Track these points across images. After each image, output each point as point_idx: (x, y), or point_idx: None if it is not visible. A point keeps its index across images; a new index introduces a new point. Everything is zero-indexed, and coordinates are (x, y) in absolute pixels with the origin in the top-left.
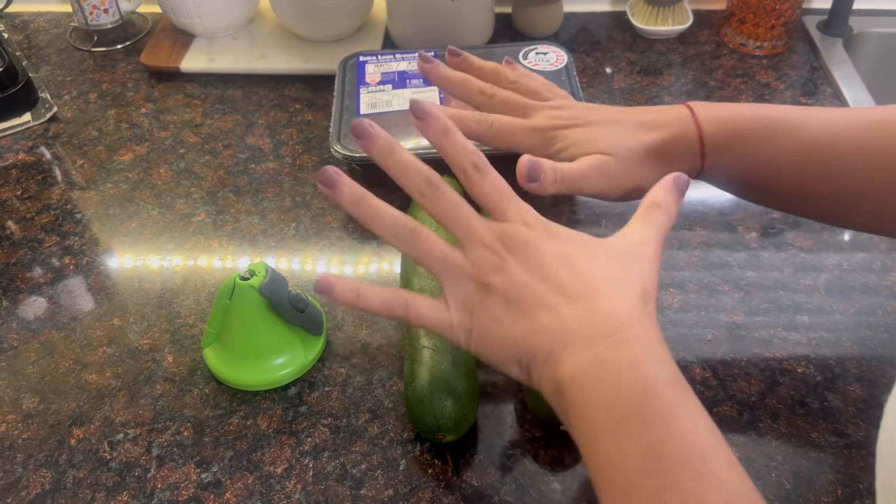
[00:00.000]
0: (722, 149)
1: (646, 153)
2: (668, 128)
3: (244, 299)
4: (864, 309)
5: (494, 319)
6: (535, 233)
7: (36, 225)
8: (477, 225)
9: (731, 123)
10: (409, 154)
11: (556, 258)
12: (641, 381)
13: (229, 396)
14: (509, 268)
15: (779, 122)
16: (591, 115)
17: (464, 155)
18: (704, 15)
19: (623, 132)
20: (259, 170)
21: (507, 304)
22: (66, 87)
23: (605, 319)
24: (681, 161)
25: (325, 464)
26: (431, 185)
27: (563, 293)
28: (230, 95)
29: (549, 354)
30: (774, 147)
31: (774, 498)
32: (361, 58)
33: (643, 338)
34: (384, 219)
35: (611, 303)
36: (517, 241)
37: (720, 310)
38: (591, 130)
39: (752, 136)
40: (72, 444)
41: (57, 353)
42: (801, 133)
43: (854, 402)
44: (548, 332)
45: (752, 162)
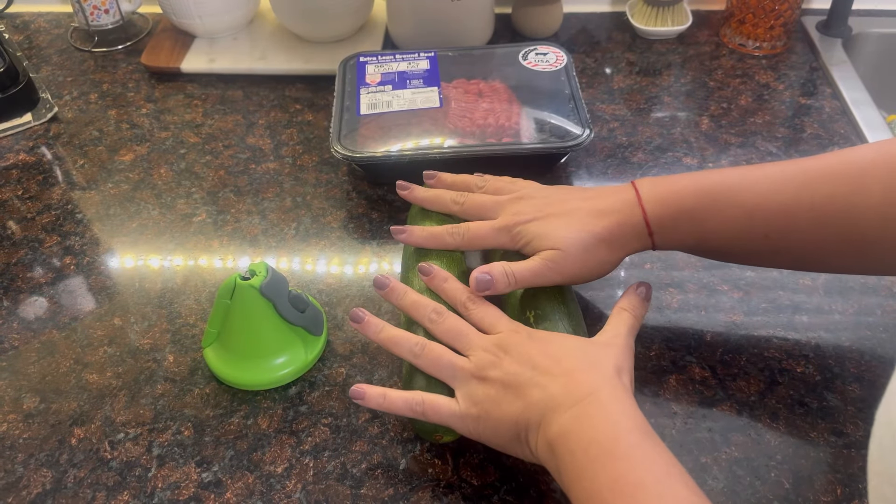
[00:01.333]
0: (668, 227)
1: (596, 241)
2: (616, 214)
3: (245, 299)
4: (863, 309)
5: (495, 403)
6: (522, 337)
7: (37, 225)
8: (476, 337)
9: (674, 202)
10: (418, 294)
11: (541, 352)
12: (612, 426)
13: (230, 396)
14: (504, 363)
15: (720, 191)
16: (548, 208)
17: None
18: (704, 15)
19: (574, 224)
20: (259, 170)
21: (505, 388)
22: (67, 88)
23: (583, 386)
24: (630, 242)
25: (325, 463)
26: (438, 314)
27: (548, 374)
28: (231, 96)
29: (540, 421)
30: (718, 217)
31: (774, 497)
32: (362, 58)
33: (614, 396)
34: (402, 342)
35: (588, 376)
36: (509, 344)
37: (719, 309)
38: (546, 225)
39: (696, 210)
40: (72, 444)
41: (58, 353)
42: (742, 198)
43: (853, 402)
44: (539, 404)
45: (699, 233)
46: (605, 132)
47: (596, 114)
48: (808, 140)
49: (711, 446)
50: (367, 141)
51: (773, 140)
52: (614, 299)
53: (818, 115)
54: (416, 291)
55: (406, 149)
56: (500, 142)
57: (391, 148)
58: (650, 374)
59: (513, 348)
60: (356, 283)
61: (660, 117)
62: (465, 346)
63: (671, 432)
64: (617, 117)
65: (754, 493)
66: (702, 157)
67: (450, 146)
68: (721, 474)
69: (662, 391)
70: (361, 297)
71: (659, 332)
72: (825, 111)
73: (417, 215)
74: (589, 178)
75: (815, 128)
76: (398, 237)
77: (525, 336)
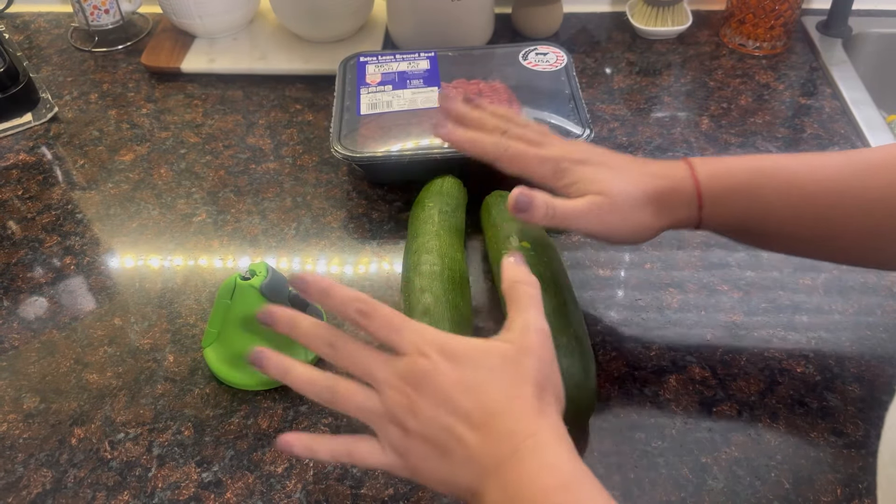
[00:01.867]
0: (719, 201)
1: (646, 199)
2: (669, 179)
3: (245, 299)
4: (863, 309)
5: (422, 460)
6: (431, 362)
7: (37, 225)
8: (379, 370)
9: (727, 178)
10: (312, 321)
11: (455, 387)
12: (541, 495)
13: (230, 396)
14: (419, 408)
15: (775, 171)
16: (602, 157)
17: (348, 305)
18: (704, 15)
19: (628, 177)
20: (259, 170)
21: (426, 443)
22: (67, 88)
23: (505, 442)
24: (678, 210)
25: (325, 463)
26: (333, 347)
27: (468, 422)
28: (231, 96)
29: (470, 488)
30: (771, 196)
31: (774, 497)
32: (362, 58)
33: (537, 448)
34: (309, 388)
35: (508, 422)
36: (419, 375)
37: (719, 310)
38: (599, 170)
39: (749, 187)
40: (72, 444)
41: (58, 353)
42: (798, 180)
43: (853, 402)
44: (464, 466)
45: (749, 211)
46: (605, 132)
47: (596, 114)
48: (808, 140)
49: (711, 446)
50: (367, 141)
51: (773, 140)
52: (615, 300)
53: (818, 115)
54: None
55: (406, 149)
56: None
57: (391, 148)
58: (650, 374)
59: (425, 383)
60: (356, 283)
61: (660, 117)
62: (371, 381)
63: (671, 432)
64: (617, 117)
65: (754, 493)
66: None
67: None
68: (721, 474)
69: (662, 391)
70: None
71: (659, 332)
72: (825, 111)
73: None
74: None
75: (815, 128)
76: (438, 131)
77: (436, 358)
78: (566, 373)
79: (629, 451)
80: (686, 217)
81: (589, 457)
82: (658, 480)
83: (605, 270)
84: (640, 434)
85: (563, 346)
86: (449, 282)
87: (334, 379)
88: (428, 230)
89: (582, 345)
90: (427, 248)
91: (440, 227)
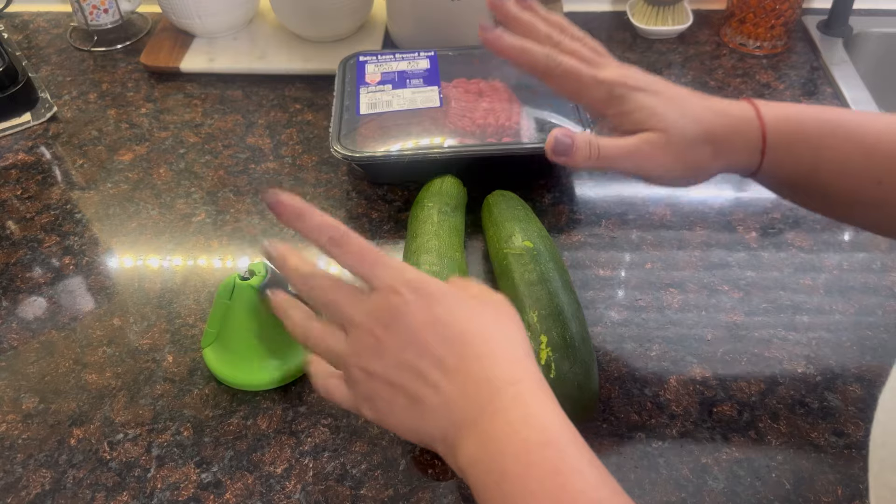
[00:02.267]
0: (783, 146)
1: (705, 137)
2: (732, 117)
3: (244, 299)
4: (864, 309)
5: (388, 406)
6: (404, 299)
7: (36, 225)
8: (348, 307)
9: (793, 122)
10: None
11: (427, 327)
12: (523, 450)
13: (229, 396)
14: (386, 348)
15: (840, 123)
16: (660, 85)
17: (319, 233)
18: (704, 15)
19: (688, 110)
20: (259, 170)
21: (392, 388)
22: (66, 87)
23: (483, 388)
24: (739, 153)
25: (324, 464)
26: (304, 279)
27: (440, 366)
28: (230, 95)
29: (445, 439)
30: (836, 148)
31: (774, 497)
32: (361, 58)
33: (518, 397)
34: (286, 320)
35: (486, 367)
36: (389, 313)
37: (720, 310)
38: (657, 100)
39: (814, 135)
40: (72, 444)
41: (57, 353)
42: (862, 135)
43: (854, 402)
44: (436, 416)
45: (813, 162)
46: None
47: None
48: None
49: (712, 447)
50: (366, 141)
51: None
52: (615, 300)
53: None
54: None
55: (406, 149)
56: (500, 141)
57: (391, 148)
58: (650, 374)
59: (394, 322)
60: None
61: None
62: (340, 320)
63: (671, 432)
64: None
65: (755, 494)
66: None
67: (450, 146)
68: (721, 474)
69: (662, 391)
70: None
71: (659, 332)
72: None
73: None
74: (589, 177)
75: None
76: (484, 35)
77: (410, 295)
78: (568, 373)
79: (629, 452)
80: (746, 161)
81: None
82: (658, 481)
83: (605, 270)
84: (640, 434)
85: (566, 346)
86: None
87: (311, 318)
88: (427, 230)
89: (584, 345)
90: (426, 249)
91: (439, 227)
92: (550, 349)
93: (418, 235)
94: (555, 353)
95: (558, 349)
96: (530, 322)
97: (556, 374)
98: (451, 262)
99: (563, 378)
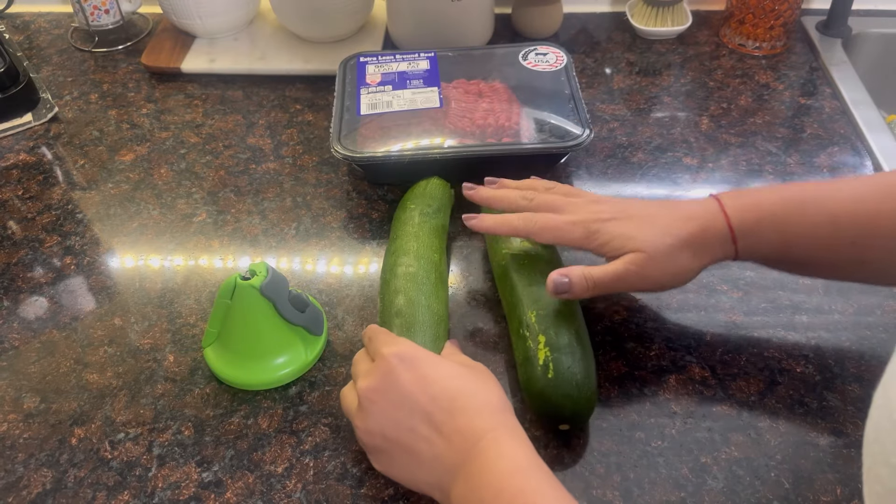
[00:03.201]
0: (752, 232)
1: (681, 245)
2: (699, 219)
3: (245, 299)
4: (863, 309)
5: (389, 459)
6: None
7: (37, 225)
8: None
9: (756, 209)
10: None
11: (416, 386)
12: (496, 480)
13: (230, 396)
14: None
15: (804, 197)
16: (632, 209)
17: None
18: (704, 15)
19: (659, 226)
20: (260, 170)
21: (391, 444)
22: (67, 88)
23: (468, 437)
24: (714, 249)
25: (325, 463)
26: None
27: (430, 422)
28: (231, 96)
29: (441, 486)
30: (803, 224)
31: (774, 497)
32: (362, 58)
33: (496, 440)
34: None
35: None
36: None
37: (719, 309)
38: (630, 225)
39: (780, 215)
40: (73, 444)
41: (58, 353)
42: (827, 204)
43: (853, 402)
44: (431, 465)
45: (784, 240)
46: (604, 132)
47: (596, 114)
48: (808, 140)
49: (711, 446)
50: (367, 141)
51: (772, 140)
52: (615, 300)
53: (818, 116)
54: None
55: (406, 149)
56: (500, 142)
57: (391, 148)
58: (650, 374)
59: (389, 385)
60: (356, 282)
61: (660, 117)
62: (354, 375)
63: (671, 432)
64: (617, 117)
65: (754, 493)
66: (702, 157)
67: (450, 146)
68: (721, 474)
69: (662, 391)
70: (361, 297)
71: (659, 332)
72: (825, 111)
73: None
74: (589, 177)
75: (814, 128)
76: (469, 223)
77: (399, 365)
78: (567, 372)
79: (629, 451)
80: (723, 253)
81: (589, 457)
82: (658, 480)
83: None
84: (639, 434)
85: (565, 346)
86: (424, 283)
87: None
88: (407, 232)
89: (583, 345)
90: (404, 250)
91: (419, 229)
92: (549, 349)
93: (398, 237)
94: (553, 353)
95: (556, 349)
96: (528, 322)
97: (553, 373)
98: (429, 263)
99: (561, 377)
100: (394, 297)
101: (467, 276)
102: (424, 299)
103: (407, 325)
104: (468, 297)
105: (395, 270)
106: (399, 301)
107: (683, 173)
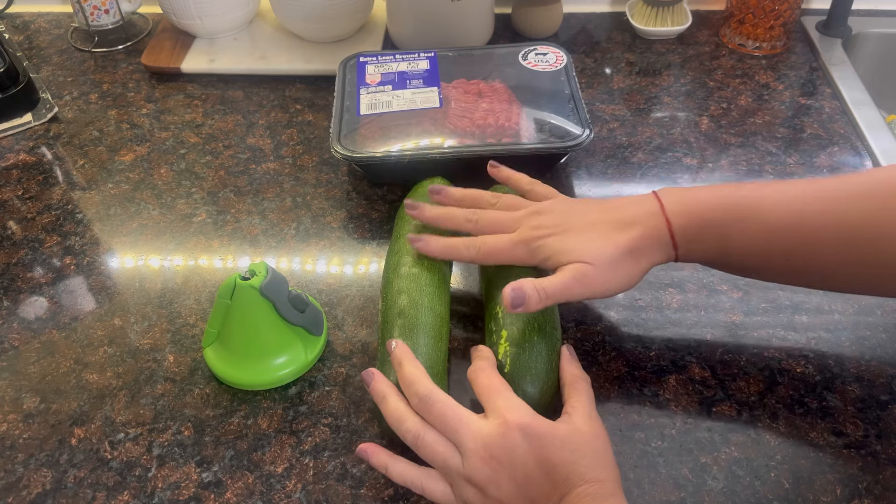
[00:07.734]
0: (692, 239)
1: (621, 254)
2: (640, 226)
3: (245, 299)
4: (863, 309)
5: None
6: (517, 435)
7: (37, 225)
8: (467, 436)
9: (698, 214)
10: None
11: (536, 466)
12: None
13: (230, 396)
14: (501, 478)
15: (744, 206)
16: (568, 221)
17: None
18: (703, 15)
19: (598, 238)
20: (259, 170)
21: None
22: (67, 88)
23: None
24: (654, 253)
25: (325, 463)
26: (422, 399)
27: (546, 500)
28: (231, 96)
29: None
30: (742, 233)
31: (773, 497)
32: (362, 58)
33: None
34: (396, 424)
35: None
36: (503, 450)
37: (719, 309)
38: (568, 238)
39: (720, 224)
40: (72, 444)
41: (58, 353)
42: (765, 216)
43: (853, 402)
44: None
45: (723, 247)
46: (604, 132)
47: (596, 114)
48: (808, 140)
49: (711, 446)
50: (367, 141)
51: (772, 140)
52: (615, 300)
53: (818, 116)
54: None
55: (406, 149)
56: (500, 142)
57: (391, 148)
58: (650, 374)
59: (507, 458)
60: (356, 283)
61: (659, 117)
62: (456, 441)
63: (671, 432)
64: (617, 117)
65: (754, 493)
66: (702, 157)
67: (450, 146)
68: (721, 474)
69: (662, 391)
70: (361, 297)
71: (659, 332)
72: (825, 111)
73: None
74: (589, 177)
75: (814, 128)
76: (415, 245)
77: (518, 431)
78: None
79: (629, 451)
80: (665, 256)
81: None
82: (658, 480)
83: None
84: (639, 434)
85: (524, 341)
86: (427, 284)
87: (422, 427)
88: (409, 231)
89: (546, 339)
90: (407, 250)
91: (423, 229)
92: (508, 344)
93: (400, 237)
94: (512, 348)
95: (515, 344)
96: (496, 317)
97: (510, 368)
98: (431, 263)
99: (517, 372)
100: (396, 298)
101: (467, 277)
102: (427, 300)
103: (409, 325)
104: (468, 298)
105: (398, 270)
106: (402, 301)
107: (683, 173)
